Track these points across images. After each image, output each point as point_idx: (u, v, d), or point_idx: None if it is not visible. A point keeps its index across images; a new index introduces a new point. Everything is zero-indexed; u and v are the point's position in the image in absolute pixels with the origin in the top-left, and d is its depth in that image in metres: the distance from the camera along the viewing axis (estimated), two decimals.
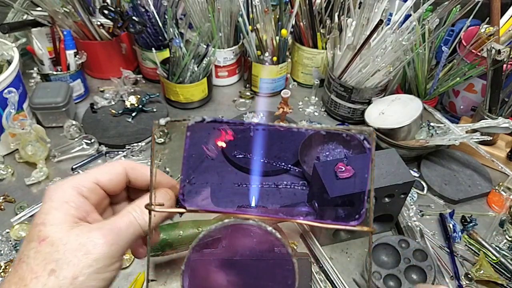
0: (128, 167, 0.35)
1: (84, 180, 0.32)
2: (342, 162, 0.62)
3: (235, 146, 0.80)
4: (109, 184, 0.34)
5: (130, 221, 0.31)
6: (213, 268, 0.32)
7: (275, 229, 0.30)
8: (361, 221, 0.28)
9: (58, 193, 0.31)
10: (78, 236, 0.29)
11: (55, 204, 0.30)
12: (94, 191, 0.33)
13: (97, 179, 0.33)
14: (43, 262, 0.28)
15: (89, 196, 0.32)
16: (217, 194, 0.73)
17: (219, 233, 0.31)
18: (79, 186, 0.32)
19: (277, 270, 0.31)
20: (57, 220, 0.29)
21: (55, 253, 0.28)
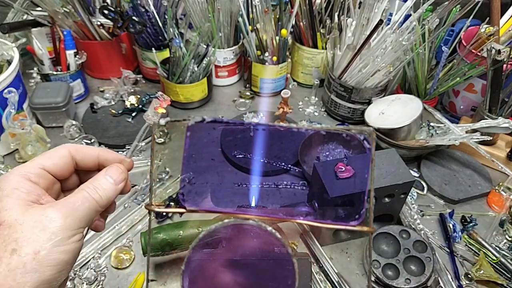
0: (72, 149, 0.36)
1: (30, 167, 0.33)
2: (342, 162, 0.62)
3: (235, 146, 0.80)
4: (55, 168, 0.34)
5: (84, 196, 0.32)
6: (213, 268, 0.32)
7: (275, 229, 0.30)
8: (361, 221, 0.28)
9: (6, 182, 0.32)
10: (33, 215, 0.30)
11: (5, 192, 0.31)
12: (41, 176, 0.34)
13: (42, 164, 0.34)
14: (3, 244, 0.29)
15: (38, 181, 0.33)
16: (217, 194, 0.73)
17: (219, 233, 0.31)
18: (26, 173, 0.33)
19: (277, 270, 0.31)
20: (10, 205, 0.30)
21: (13, 233, 0.29)
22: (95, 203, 0.32)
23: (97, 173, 0.35)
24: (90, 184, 0.33)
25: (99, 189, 0.33)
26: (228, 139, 0.82)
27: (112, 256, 0.63)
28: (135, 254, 0.64)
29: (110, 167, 0.35)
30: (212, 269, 0.32)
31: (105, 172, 0.35)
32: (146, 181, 0.76)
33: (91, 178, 0.34)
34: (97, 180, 0.34)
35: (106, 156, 0.37)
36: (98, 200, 0.33)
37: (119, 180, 0.35)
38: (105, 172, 0.35)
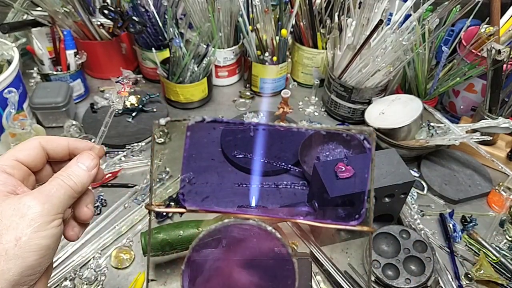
0: (43, 140, 0.37)
1: (4, 159, 0.34)
2: (342, 162, 0.62)
3: (235, 146, 0.80)
4: (27, 159, 0.35)
5: (58, 184, 0.33)
6: (213, 268, 0.32)
7: (275, 229, 0.30)
8: (361, 221, 0.28)
9: None
10: (10, 204, 0.30)
11: None
12: (16, 168, 0.34)
13: (16, 156, 0.34)
14: None
15: (13, 172, 0.34)
16: (217, 194, 0.73)
17: (219, 233, 0.31)
18: (0, 165, 0.33)
19: (277, 270, 0.31)
20: None
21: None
22: (70, 189, 0.33)
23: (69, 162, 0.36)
24: (63, 172, 0.34)
25: (72, 176, 0.34)
26: (228, 139, 0.82)
27: (112, 256, 0.63)
28: (135, 254, 0.64)
29: (81, 154, 0.36)
30: (212, 269, 0.32)
31: (77, 159, 0.36)
32: (146, 181, 0.76)
33: (64, 167, 0.35)
34: (70, 167, 0.35)
35: (76, 145, 0.38)
36: (73, 186, 0.34)
37: (91, 167, 0.36)
38: (77, 159, 0.36)
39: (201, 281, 0.31)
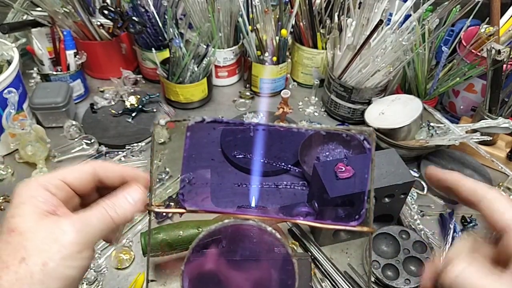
0: (98, 166, 0.35)
1: (50, 178, 0.33)
2: (342, 162, 0.62)
3: (235, 146, 0.80)
4: (75, 182, 0.34)
5: (101, 213, 0.32)
6: (213, 268, 0.32)
7: (275, 229, 0.30)
8: (361, 221, 0.28)
9: (25, 189, 0.32)
10: (46, 225, 0.29)
11: (22, 199, 0.31)
12: (60, 188, 0.33)
13: (64, 177, 0.33)
14: (13, 251, 0.28)
15: (56, 192, 0.33)
16: (217, 194, 0.73)
17: (219, 233, 0.31)
18: (45, 183, 0.32)
19: (277, 270, 0.31)
20: (25, 212, 0.30)
21: (24, 241, 0.29)
22: (111, 221, 0.32)
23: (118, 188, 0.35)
24: (108, 200, 0.33)
25: (117, 207, 0.32)
26: (228, 139, 0.82)
27: (112, 256, 0.63)
28: (135, 254, 0.64)
29: (131, 186, 0.34)
30: (212, 269, 0.32)
31: (126, 190, 0.34)
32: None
33: (111, 194, 0.34)
34: (117, 197, 0.33)
35: (129, 173, 0.36)
36: (114, 218, 0.32)
37: (138, 201, 0.34)
38: (126, 190, 0.34)
39: (201, 281, 0.31)
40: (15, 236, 0.29)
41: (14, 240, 0.29)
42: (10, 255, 0.28)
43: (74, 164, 0.35)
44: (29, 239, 0.29)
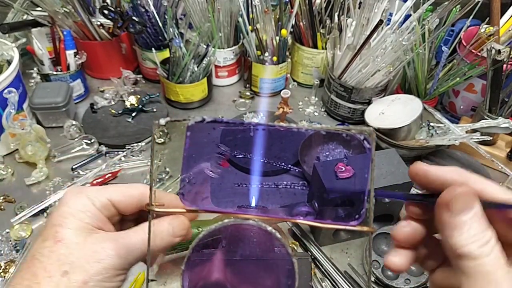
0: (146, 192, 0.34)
1: (99, 194, 0.33)
2: (342, 162, 0.62)
3: (235, 146, 0.80)
4: (121, 204, 0.34)
5: (142, 239, 0.32)
6: (213, 268, 0.32)
7: (275, 229, 0.30)
8: (361, 221, 0.28)
9: (74, 201, 0.32)
10: (93, 243, 0.30)
11: (71, 210, 0.31)
12: (106, 207, 0.33)
13: (111, 197, 0.34)
14: (57, 262, 0.29)
15: (101, 210, 0.33)
16: (217, 194, 0.73)
17: (219, 233, 0.31)
18: (94, 199, 0.33)
19: (277, 270, 0.31)
20: (74, 225, 0.31)
21: (69, 255, 0.29)
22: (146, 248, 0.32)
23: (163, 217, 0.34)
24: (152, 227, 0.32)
25: (157, 236, 0.32)
26: (228, 139, 0.82)
27: None
28: None
29: (177, 217, 0.34)
30: (212, 269, 0.32)
31: (170, 220, 0.34)
32: (146, 181, 0.76)
33: (156, 220, 0.33)
34: (160, 225, 0.33)
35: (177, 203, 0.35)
36: (153, 246, 0.32)
37: (178, 234, 0.34)
38: (170, 220, 0.34)
39: (201, 281, 0.31)
40: (61, 247, 0.29)
41: (59, 251, 0.29)
42: (53, 265, 0.29)
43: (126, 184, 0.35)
44: (75, 254, 0.29)
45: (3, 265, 0.63)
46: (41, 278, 0.28)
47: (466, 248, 0.26)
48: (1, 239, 0.66)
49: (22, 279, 0.29)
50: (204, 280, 0.32)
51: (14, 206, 0.71)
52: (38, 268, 0.29)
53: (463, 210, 0.27)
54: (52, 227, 0.30)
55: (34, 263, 0.29)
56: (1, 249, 0.65)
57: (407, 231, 0.31)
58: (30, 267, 0.29)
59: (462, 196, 0.27)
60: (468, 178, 0.29)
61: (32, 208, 0.69)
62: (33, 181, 0.75)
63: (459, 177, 0.29)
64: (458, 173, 0.30)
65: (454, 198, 0.27)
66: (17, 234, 0.67)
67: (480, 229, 0.26)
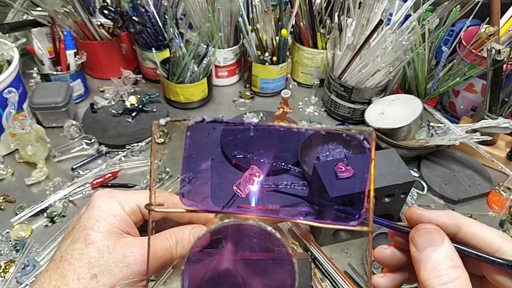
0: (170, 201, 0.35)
1: (128, 199, 0.34)
2: (342, 162, 0.62)
3: (235, 146, 0.80)
4: None
5: (166, 247, 0.33)
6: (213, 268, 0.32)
7: (275, 229, 0.30)
8: (361, 221, 0.28)
9: (106, 205, 0.33)
10: (122, 248, 0.31)
11: (103, 214, 0.32)
12: (134, 213, 0.34)
13: (140, 203, 0.34)
14: (87, 265, 0.29)
15: (130, 215, 0.34)
16: (217, 194, 0.73)
17: (219, 233, 0.31)
18: (124, 203, 0.33)
19: (277, 270, 0.31)
20: (105, 229, 0.31)
21: (100, 259, 0.30)
22: (170, 257, 0.33)
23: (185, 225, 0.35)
24: (173, 235, 0.34)
25: (179, 244, 0.33)
26: (228, 139, 0.82)
27: None
28: None
29: (198, 227, 0.35)
30: (212, 269, 0.32)
31: (191, 229, 0.34)
32: (146, 181, 0.76)
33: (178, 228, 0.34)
34: (182, 234, 0.34)
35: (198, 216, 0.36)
36: (174, 255, 0.33)
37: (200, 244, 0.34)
38: (191, 229, 0.34)
39: (201, 281, 0.31)
40: (92, 250, 0.30)
41: (90, 254, 0.30)
42: (83, 268, 0.29)
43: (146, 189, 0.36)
44: (105, 258, 0.30)
45: (3, 265, 0.63)
46: (70, 280, 0.29)
47: (429, 282, 0.26)
48: (1, 239, 0.66)
49: (50, 279, 0.29)
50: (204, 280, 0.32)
51: (14, 206, 0.71)
52: (68, 270, 0.29)
53: (427, 247, 0.28)
54: (83, 230, 0.31)
55: (63, 264, 0.29)
56: (1, 249, 0.65)
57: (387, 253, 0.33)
58: (59, 268, 0.29)
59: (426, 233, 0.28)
60: (461, 222, 0.29)
61: (32, 208, 0.69)
62: (33, 181, 0.75)
63: (451, 221, 0.30)
64: (450, 217, 0.30)
65: (417, 234, 0.29)
66: (17, 234, 0.67)
67: (445, 266, 0.26)
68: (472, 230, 0.29)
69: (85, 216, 0.32)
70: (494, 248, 0.28)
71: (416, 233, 0.29)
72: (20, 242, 0.66)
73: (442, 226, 0.30)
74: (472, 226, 0.29)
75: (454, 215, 0.30)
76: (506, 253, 0.28)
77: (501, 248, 0.28)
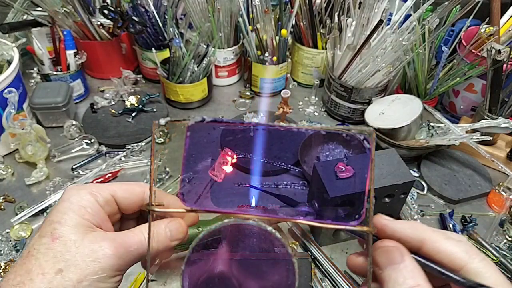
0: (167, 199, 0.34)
1: (101, 189, 0.33)
2: (342, 162, 0.62)
3: (235, 146, 0.80)
4: (124, 202, 0.34)
5: (140, 241, 0.32)
6: (213, 268, 0.32)
7: (275, 229, 0.30)
8: (361, 221, 0.28)
9: (76, 196, 0.31)
10: (91, 242, 0.30)
11: (73, 206, 0.31)
12: (108, 203, 0.33)
13: (115, 193, 0.33)
14: (52, 259, 0.28)
15: (104, 206, 0.33)
16: (217, 194, 0.73)
17: (219, 233, 0.31)
18: (96, 194, 0.32)
19: (277, 270, 0.31)
20: (73, 222, 0.30)
21: (66, 253, 0.29)
22: (144, 250, 0.32)
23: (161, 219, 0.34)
24: None
25: (154, 239, 0.32)
26: (228, 139, 0.82)
27: None
28: None
29: (174, 220, 0.34)
30: (212, 269, 0.32)
31: (167, 223, 0.34)
32: (146, 181, 0.76)
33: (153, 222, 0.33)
34: (157, 228, 0.33)
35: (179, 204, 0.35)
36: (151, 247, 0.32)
37: (175, 238, 0.33)
38: (167, 223, 0.34)
39: (201, 281, 0.31)
40: (58, 244, 0.29)
41: (56, 248, 0.29)
42: (48, 262, 0.28)
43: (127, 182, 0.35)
44: (71, 252, 0.29)
45: (3, 265, 0.63)
46: (35, 275, 0.28)
47: None
48: (1, 239, 0.66)
49: (15, 275, 0.28)
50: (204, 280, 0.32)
51: (14, 206, 0.71)
52: (33, 265, 0.28)
53: (387, 265, 0.27)
54: (50, 224, 0.30)
55: (29, 259, 0.29)
56: (1, 249, 0.65)
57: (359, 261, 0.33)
58: (25, 263, 0.29)
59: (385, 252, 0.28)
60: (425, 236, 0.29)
61: (32, 208, 0.69)
62: (33, 181, 0.75)
63: (414, 235, 0.29)
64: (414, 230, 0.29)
65: (376, 253, 0.28)
66: (17, 234, 0.67)
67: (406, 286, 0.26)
68: (436, 246, 0.28)
69: (54, 210, 0.31)
70: (459, 266, 0.27)
71: (375, 252, 0.29)
72: (20, 242, 0.66)
73: (405, 240, 0.29)
74: (437, 242, 0.28)
75: (418, 228, 0.29)
76: (470, 271, 0.27)
77: (466, 266, 0.27)
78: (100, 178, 0.75)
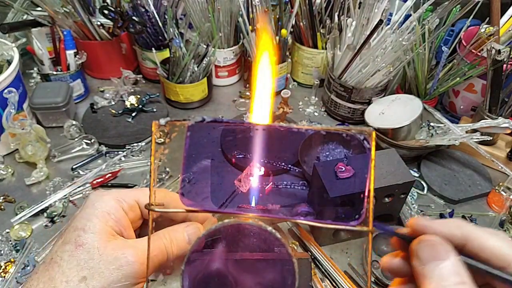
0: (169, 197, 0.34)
1: (127, 196, 0.33)
2: (342, 162, 0.62)
3: (235, 146, 0.80)
4: None
5: (160, 248, 0.32)
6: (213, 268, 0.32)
7: (275, 229, 0.30)
8: (361, 221, 0.28)
9: (101, 202, 0.31)
10: (113, 250, 0.29)
11: (97, 212, 0.31)
12: (132, 209, 0.33)
13: (139, 199, 0.33)
14: (76, 267, 0.28)
15: (128, 212, 0.33)
16: (217, 194, 0.73)
17: (219, 233, 0.31)
18: (121, 200, 0.32)
19: (277, 270, 0.31)
20: (97, 229, 0.30)
21: (89, 261, 0.29)
22: (166, 256, 0.32)
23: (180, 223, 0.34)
24: (167, 234, 0.33)
25: (174, 244, 0.32)
26: (228, 139, 0.82)
27: None
28: None
29: (192, 224, 0.34)
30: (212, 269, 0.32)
31: (185, 227, 0.34)
32: (146, 181, 0.76)
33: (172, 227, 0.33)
34: (176, 232, 0.33)
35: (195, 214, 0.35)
36: (169, 254, 0.32)
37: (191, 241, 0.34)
38: (185, 227, 0.34)
39: (201, 281, 0.31)
40: (82, 252, 0.29)
41: (79, 256, 0.29)
42: (72, 270, 0.28)
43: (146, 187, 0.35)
44: (95, 260, 0.29)
45: (3, 265, 0.63)
46: (58, 282, 0.28)
47: None
48: (1, 239, 0.66)
49: (38, 281, 0.28)
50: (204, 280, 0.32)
51: (14, 206, 0.71)
52: (56, 272, 0.28)
53: (431, 260, 0.26)
54: (75, 231, 0.30)
55: (52, 266, 0.29)
56: (1, 249, 0.65)
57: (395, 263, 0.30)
58: (48, 270, 0.28)
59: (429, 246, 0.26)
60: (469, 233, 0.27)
61: (32, 208, 0.69)
62: (33, 181, 0.75)
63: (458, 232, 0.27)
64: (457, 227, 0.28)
65: (419, 247, 0.27)
66: (17, 234, 0.67)
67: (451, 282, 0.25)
68: (481, 242, 0.27)
69: (78, 216, 0.31)
70: (505, 262, 0.26)
71: (418, 245, 0.27)
72: (20, 242, 0.66)
73: (448, 238, 0.27)
74: (481, 238, 0.27)
75: (461, 225, 0.28)
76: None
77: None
78: (100, 178, 0.75)
